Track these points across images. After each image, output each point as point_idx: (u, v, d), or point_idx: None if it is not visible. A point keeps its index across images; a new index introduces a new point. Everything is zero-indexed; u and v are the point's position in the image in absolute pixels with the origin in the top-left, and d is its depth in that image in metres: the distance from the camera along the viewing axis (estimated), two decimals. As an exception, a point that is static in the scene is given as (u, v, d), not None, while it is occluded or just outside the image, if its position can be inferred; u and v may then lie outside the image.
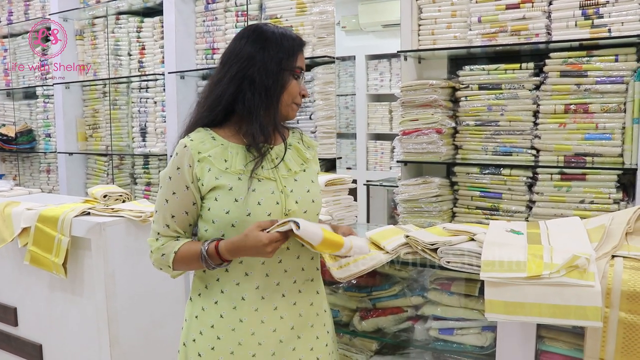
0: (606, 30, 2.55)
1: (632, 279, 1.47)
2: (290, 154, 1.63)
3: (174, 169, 1.52)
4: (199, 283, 1.61)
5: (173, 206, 1.54)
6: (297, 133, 1.72)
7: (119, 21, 4.39)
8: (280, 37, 1.55)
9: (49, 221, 2.43)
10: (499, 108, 2.83)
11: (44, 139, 5.05)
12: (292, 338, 1.59)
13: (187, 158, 1.51)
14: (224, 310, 1.55)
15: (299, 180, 1.60)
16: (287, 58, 1.54)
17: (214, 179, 1.51)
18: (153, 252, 1.57)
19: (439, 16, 3.00)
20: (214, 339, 1.55)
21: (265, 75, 1.51)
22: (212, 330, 1.55)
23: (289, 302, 1.59)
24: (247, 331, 1.54)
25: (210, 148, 1.52)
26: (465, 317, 1.86)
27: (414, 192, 2.94)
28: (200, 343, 1.57)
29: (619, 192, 2.57)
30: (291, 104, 1.58)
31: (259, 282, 1.55)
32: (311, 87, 3.37)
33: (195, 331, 1.58)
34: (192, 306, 1.62)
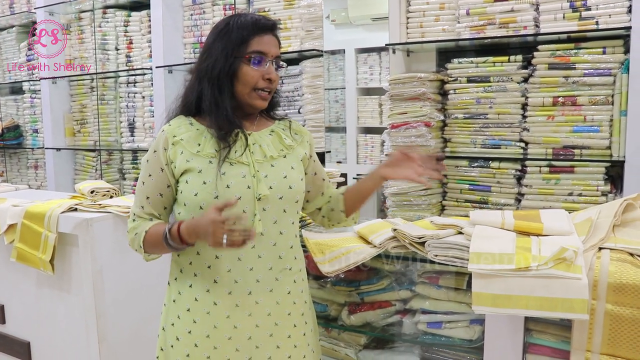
0: (594, 23, 2.55)
1: (618, 271, 1.47)
2: (270, 140, 1.63)
3: (152, 152, 1.57)
4: (175, 267, 1.64)
5: (148, 188, 1.58)
6: (285, 121, 1.72)
7: (106, 15, 4.35)
8: (233, 26, 1.54)
9: (35, 217, 2.40)
10: (488, 101, 2.83)
11: (32, 134, 5.01)
12: (269, 325, 1.60)
13: (162, 141, 1.55)
14: (198, 293, 1.57)
15: (276, 166, 1.59)
16: (238, 46, 1.52)
17: (185, 161, 1.53)
18: (129, 232, 1.60)
19: (428, 9, 2.99)
20: (191, 323, 1.57)
21: (214, 67, 1.53)
22: (188, 314, 1.57)
23: (264, 288, 1.58)
24: (222, 314, 1.55)
25: (185, 132, 1.56)
26: (453, 311, 1.85)
27: (403, 186, 2.94)
28: (178, 327, 1.59)
29: (607, 184, 2.58)
30: (251, 91, 1.56)
31: (231, 266, 1.55)
32: (299, 80, 3.36)
33: (174, 315, 1.61)
34: (169, 290, 1.65)
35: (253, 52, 1.53)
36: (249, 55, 1.53)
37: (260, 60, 1.54)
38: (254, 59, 1.54)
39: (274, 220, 1.57)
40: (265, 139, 1.62)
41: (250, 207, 1.53)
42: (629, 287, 1.45)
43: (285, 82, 3.44)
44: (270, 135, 1.64)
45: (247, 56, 1.53)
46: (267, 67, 1.55)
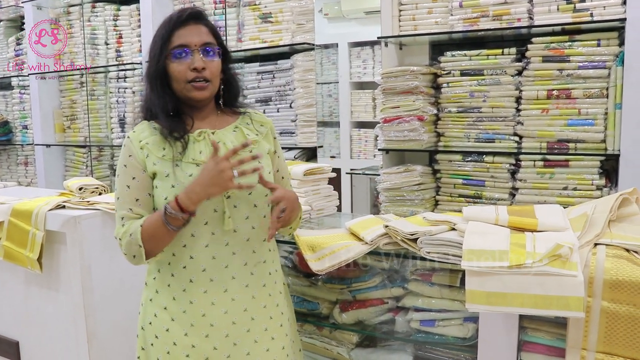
0: (588, 15, 2.53)
1: (614, 267, 1.45)
2: (234, 136, 1.62)
3: (127, 157, 1.57)
4: (153, 267, 1.64)
5: (136, 190, 1.55)
6: (246, 116, 1.70)
7: (95, 9, 4.29)
8: (160, 26, 1.56)
9: (22, 215, 2.37)
10: (481, 94, 2.80)
11: (21, 130, 4.95)
12: (245, 320, 1.60)
13: (131, 148, 1.57)
14: (175, 292, 1.58)
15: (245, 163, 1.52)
16: (163, 44, 1.53)
17: (152, 164, 1.55)
18: (122, 239, 1.53)
19: (420, 1, 2.96)
20: (168, 321, 1.59)
21: (149, 69, 1.56)
22: (165, 312, 1.59)
23: (240, 284, 1.59)
24: (197, 313, 1.57)
25: (149, 136, 1.57)
26: (446, 308, 1.83)
27: (396, 181, 2.91)
28: (156, 325, 1.61)
29: (602, 178, 2.56)
30: (185, 84, 1.55)
31: (206, 265, 1.56)
32: (291, 75, 3.32)
33: (151, 314, 1.62)
34: (147, 290, 1.66)
35: (174, 47, 1.52)
36: (171, 51, 1.53)
37: (183, 53, 1.53)
38: (176, 53, 1.52)
39: (245, 217, 1.58)
40: (229, 136, 1.61)
41: (220, 205, 1.54)
42: (625, 284, 1.42)
43: (277, 76, 3.40)
44: (234, 132, 1.63)
45: (171, 52, 1.53)
46: (191, 58, 1.53)
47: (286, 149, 3.34)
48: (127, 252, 1.54)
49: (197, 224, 1.54)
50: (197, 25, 1.56)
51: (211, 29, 1.59)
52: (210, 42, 1.56)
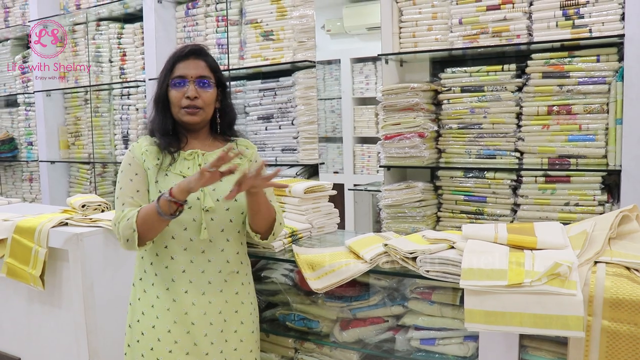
0: (587, 31, 2.54)
1: (614, 286, 1.44)
2: None
3: (131, 158, 1.81)
4: (139, 268, 1.85)
5: (137, 183, 1.78)
6: (233, 143, 1.92)
7: (99, 27, 4.34)
8: (168, 58, 1.82)
9: (25, 232, 2.38)
10: (482, 110, 2.81)
11: (26, 147, 4.99)
12: (219, 321, 1.80)
13: (134, 152, 1.82)
14: (160, 291, 1.78)
15: (225, 180, 1.68)
16: (166, 74, 1.80)
17: (147, 168, 1.79)
18: (120, 222, 1.71)
19: (420, 18, 2.97)
20: (154, 318, 1.77)
21: (155, 93, 1.83)
22: (152, 310, 1.78)
23: (215, 289, 1.80)
24: (180, 310, 1.76)
25: (149, 146, 1.82)
26: (446, 327, 1.82)
27: (398, 197, 2.91)
28: (143, 322, 1.79)
29: (603, 193, 2.55)
30: (179, 110, 1.79)
31: (185, 267, 1.77)
32: (292, 92, 3.34)
33: (139, 312, 1.81)
34: (134, 290, 1.85)
35: (174, 77, 1.79)
36: (171, 81, 1.79)
37: (180, 83, 1.78)
38: (175, 82, 1.78)
39: (221, 229, 1.80)
40: (213, 156, 1.77)
41: (198, 216, 1.75)
42: (626, 303, 1.41)
43: (279, 94, 3.41)
44: None
45: (171, 81, 1.79)
46: (187, 87, 1.77)
47: (287, 166, 3.35)
48: (122, 235, 1.71)
49: (178, 228, 1.75)
50: (196, 60, 1.81)
51: (210, 64, 1.84)
52: (205, 75, 1.81)
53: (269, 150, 3.45)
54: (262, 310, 2.26)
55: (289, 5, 3.36)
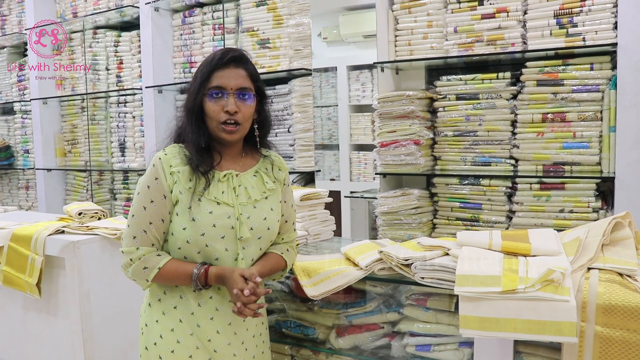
0: (581, 39, 2.56)
1: (607, 292, 1.45)
2: (255, 182, 1.70)
3: (152, 179, 1.60)
4: (157, 289, 1.69)
5: (151, 214, 1.60)
6: (268, 159, 1.77)
7: (96, 36, 4.36)
8: (203, 63, 1.64)
9: (22, 240, 2.38)
10: (477, 118, 2.83)
11: (23, 155, 4.99)
12: (242, 352, 1.71)
13: (161, 169, 1.60)
14: (183, 315, 1.65)
15: (258, 207, 1.67)
16: (202, 82, 1.62)
17: (179, 192, 1.60)
18: (133, 262, 1.59)
19: (415, 27, 2.99)
20: (174, 342, 1.64)
21: (188, 102, 1.64)
22: (171, 334, 1.65)
23: (240, 320, 1.68)
24: (204, 337, 1.65)
25: (180, 164, 1.61)
26: (442, 333, 1.83)
27: (393, 204, 2.92)
28: (161, 346, 1.65)
29: (598, 200, 2.57)
30: (217, 125, 1.62)
31: (213, 294, 1.66)
32: (289, 100, 3.35)
33: (156, 335, 1.66)
34: (150, 311, 1.70)
35: (212, 88, 1.61)
36: (209, 91, 1.61)
37: (219, 94, 1.61)
38: (213, 93, 1.61)
39: (251, 258, 1.68)
40: (250, 181, 1.69)
41: (232, 246, 1.63)
42: (619, 309, 1.43)
43: (275, 101, 3.43)
44: (254, 177, 1.71)
45: (208, 92, 1.61)
46: (226, 100, 1.61)
47: (284, 173, 3.36)
48: (131, 273, 1.61)
49: (210, 258, 1.63)
50: (236, 68, 1.63)
51: (250, 73, 1.66)
52: (246, 86, 1.63)
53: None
54: (258, 317, 2.27)
55: (285, 14, 3.38)
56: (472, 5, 2.82)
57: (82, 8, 4.41)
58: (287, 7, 3.37)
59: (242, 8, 3.56)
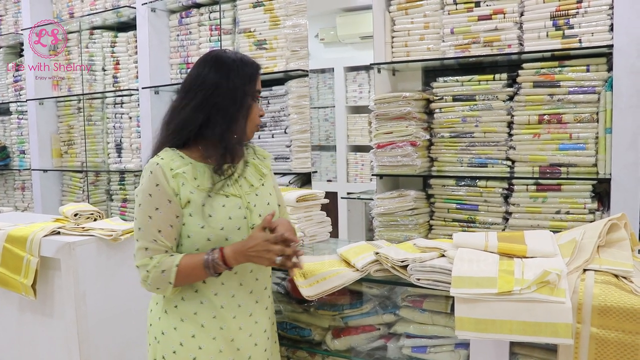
0: (577, 41, 2.56)
1: (603, 293, 1.45)
2: (250, 171, 1.73)
3: (152, 186, 1.57)
4: (174, 296, 1.64)
5: (158, 221, 1.57)
6: (250, 149, 1.81)
7: (92, 36, 4.35)
8: (241, 64, 1.64)
9: (17, 241, 2.37)
10: (474, 119, 2.83)
11: (19, 155, 4.98)
12: (264, 340, 1.72)
13: (161, 175, 1.57)
14: (205, 319, 1.62)
15: (260, 194, 1.70)
16: (249, 83, 1.63)
17: (189, 192, 1.59)
18: (150, 272, 1.56)
19: (412, 28, 2.99)
20: (196, 349, 1.62)
21: (232, 102, 1.61)
22: (193, 340, 1.62)
23: (262, 308, 1.72)
24: (227, 338, 1.63)
25: (181, 165, 1.60)
26: (438, 335, 1.83)
27: (390, 206, 2.92)
28: (181, 354, 1.62)
29: (594, 202, 2.57)
30: (255, 126, 1.69)
31: (235, 291, 1.65)
32: (285, 101, 3.35)
33: (175, 343, 1.62)
34: (167, 319, 1.65)
35: (257, 91, 1.67)
36: (255, 94, 1.66)
37: (259, 98, 1.70)
38: (257, 97, 1.68)
39: None
40: (246, 170, 1.72)
41: (246, 235, 1.62)
42: (614, 310, 1.43)
43: (272, 102, 3.43)
44: (247, 166, 1.74)
45: (255, 95, 1.66)
46: (259, 104, 1.70)
47: (280, 174, 3.36)
48: (151, 284, 1.57)
49: None
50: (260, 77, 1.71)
51: None
52: None
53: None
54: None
55: (282, 15, 3.38)
56: (469, 6, 2.83)
57: (78, 8, 4.41)
58: (284, 8, 3.37)
59: (239, 9, 3.56)
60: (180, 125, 1.63)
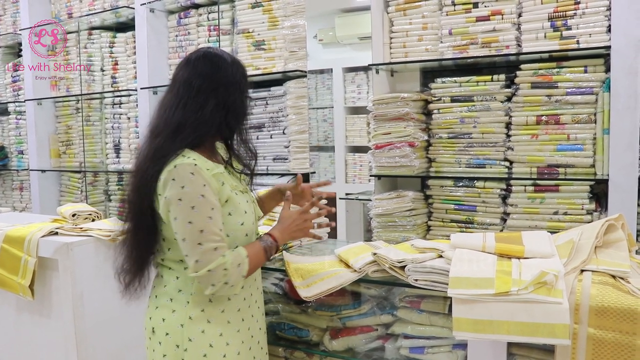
0: (575, 42, 2.56)
1: (600, 294, 1.46)
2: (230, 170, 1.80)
3: (201, 186, 1.55)
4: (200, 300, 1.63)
5: (217, 219, 1.57)
6: None
7: (91, 36, 4.35)
8: (234, 62, 1.72)
9: (15, 242, 2.37)
10: (472, 120, 2.83)
11: (17, 156, 4.97)
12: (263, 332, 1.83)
13: (205, 176, 1.56)
14: (230, 316, 1.67)
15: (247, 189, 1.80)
16: (245, 83, 1.73)
17: (229, 191, 1.64)
18: (229, 269, 1.54)
19: (410, 29, 2.99)
20: (224, 346, 1.64)
21: (241, 102, 1.72)
22: (221, 339, 1.64)
23: (262, 298, 1.84)
24: (247, 329, 1.71)
25: (214, 166, 1.63)
26: (435, 336, 1.83)
27: (388, 207, 2.92)
28: (212, 355, 1.62)
29: (592, 202, 2.57)
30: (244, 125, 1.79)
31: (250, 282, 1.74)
32: (284, 101, 3.35)
33: (205, 346, 1.62)
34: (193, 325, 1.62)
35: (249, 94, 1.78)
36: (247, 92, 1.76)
37: None
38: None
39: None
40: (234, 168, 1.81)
41: (255, 226, 1.73)
42: (611, 311, 1.43)
43: (270, 103, 3.43)
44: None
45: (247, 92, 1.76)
46: None
47: (279, 175, 3.35)
48: (229, 282, 1.55)
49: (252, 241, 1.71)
50: None
51: None
52: None
53: (260, 159, 3.43)
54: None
55: (280, 15, 3.38)
56: (467, 7, 2.83)
57: (77, 9, 4.40)
58: (282, 9, 3.37)
59: (238, 9, 3.56)
60: (201, 124, 1.62)
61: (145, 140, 1.68)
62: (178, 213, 1.53)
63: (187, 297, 1.63)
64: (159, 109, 1.68)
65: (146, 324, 1.71)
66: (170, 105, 1.64)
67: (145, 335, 1.71)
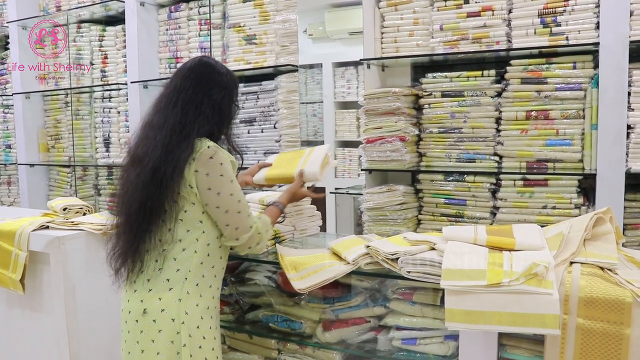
0: (564, 38, 2.59)
1: (589, 285, 1.49)
2: None
3: (230, 169, 1.77)
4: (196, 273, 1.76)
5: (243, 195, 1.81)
6: None
7: (80, 30, 4.31)
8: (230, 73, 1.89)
9: (5, 236, 2.37)
10: (462, 115, 2.85)
11: (4, 150, 4.92)
12: None
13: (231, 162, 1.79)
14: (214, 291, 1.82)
15: None
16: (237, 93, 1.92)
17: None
18: (262, 233, 1.81)
19: (402, 24, 3.00)
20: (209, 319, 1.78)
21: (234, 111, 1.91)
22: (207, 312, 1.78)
23: None
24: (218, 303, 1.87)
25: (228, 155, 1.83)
26: (427, 327, 1.85)
27: (379, 200, 2.93)
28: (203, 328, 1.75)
29: (580, 197, 2.61)
30: None
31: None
32: (275, 95, 3.36)
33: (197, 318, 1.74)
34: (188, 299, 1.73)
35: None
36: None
37: None
38: None
39: None
40: None
41: None
42: (600, 301, 1.46)
43: (261, 97, 3.43)
44: None
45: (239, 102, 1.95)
46: None
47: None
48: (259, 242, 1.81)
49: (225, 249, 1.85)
50: None
51: None
52: None
53: (251, 153, 3.46)
54: (245, 312, 2.28)
55: (272, 10, 3.38)
56: (458, 3, 2.84)
57: (65, 2, 4.35)
58: (273, 3, 3.37)
59: (229, 4, 3.55)
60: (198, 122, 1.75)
61: (143, 133, 1.79)
62: (221, 187, 1.72)
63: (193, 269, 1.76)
64: (156, 104, 1.80)
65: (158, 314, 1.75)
66: (168, 103, 1.76)
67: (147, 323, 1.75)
